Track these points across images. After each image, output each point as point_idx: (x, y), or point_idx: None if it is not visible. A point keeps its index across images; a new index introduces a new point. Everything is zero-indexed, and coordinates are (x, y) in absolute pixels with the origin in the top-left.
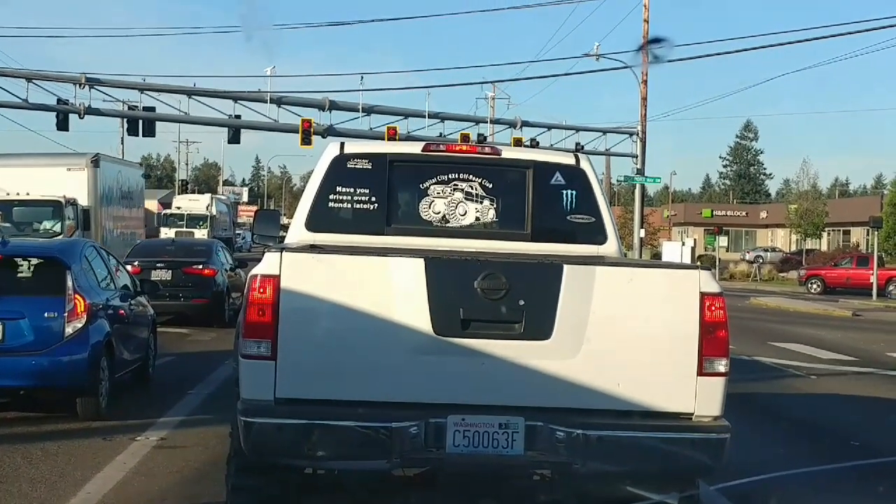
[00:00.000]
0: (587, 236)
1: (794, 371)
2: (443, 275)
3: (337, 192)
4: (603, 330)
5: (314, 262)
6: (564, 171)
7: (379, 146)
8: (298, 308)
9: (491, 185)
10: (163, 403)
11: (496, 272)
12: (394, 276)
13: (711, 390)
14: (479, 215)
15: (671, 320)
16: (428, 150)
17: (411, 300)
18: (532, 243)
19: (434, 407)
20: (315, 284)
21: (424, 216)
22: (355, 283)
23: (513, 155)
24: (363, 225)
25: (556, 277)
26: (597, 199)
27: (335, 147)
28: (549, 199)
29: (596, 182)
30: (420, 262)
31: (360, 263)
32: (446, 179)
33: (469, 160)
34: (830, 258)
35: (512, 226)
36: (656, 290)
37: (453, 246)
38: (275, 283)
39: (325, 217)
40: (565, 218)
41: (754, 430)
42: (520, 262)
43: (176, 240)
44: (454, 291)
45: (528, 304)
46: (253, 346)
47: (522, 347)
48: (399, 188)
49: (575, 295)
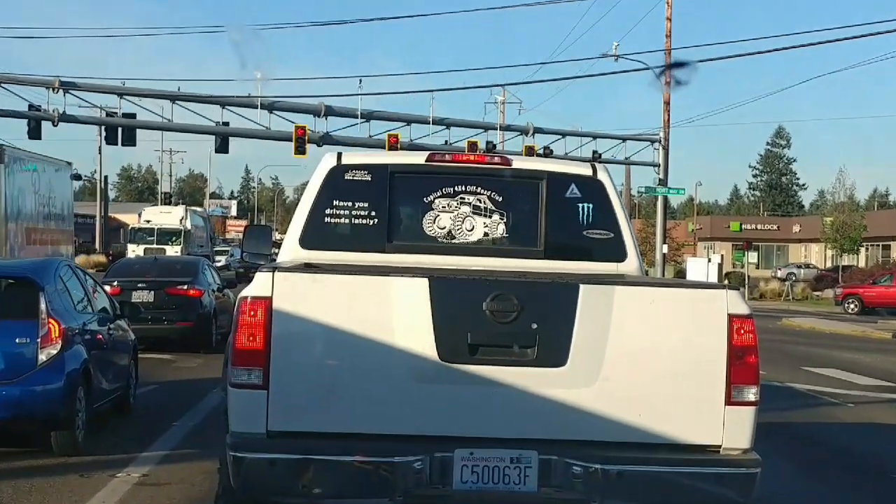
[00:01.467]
0: (605, 253)
1: (830, 398)
2: (449, 296)
3: (334, 207)
4: (623, 355)
5: (309, 283)
6: (580, 183)
7: (379, 156)
8: (292, 332)
9: (501, 198)
10: (145, 436)
11: (507, 293)
12: (396, 298)
13: (740, 420)
14: (488, 231)
15: (697, 345)
16: (432, 160)
17: (414, 323)
18: (545, 261)
19: (440, 440)
20: (310, 306)
21: (429, 232)
22: (354, 305)
23: (524, 165)
24: (362, 242)
25: (571, 298)
26: (616, 212)
27: (332, 157)
28: (563, 213)
29: (615, 194)
30: (424, 282)
31: (359, 283)
32: (452, 192)
33: (477, 171)
34: (869, 275)
35: (523, 242)
36: (680, 311)
37: (460, 264)
38: (266, 305)
39: (321, 233)
40: (581, 233)
41: (787, 462)
42: (532, 282)
43: (159, 257)
44: (461, 314)
45: (542, 327)
46: (243, 374)
47: (536, 375)
48: (401, 202)
49: (592, 317)
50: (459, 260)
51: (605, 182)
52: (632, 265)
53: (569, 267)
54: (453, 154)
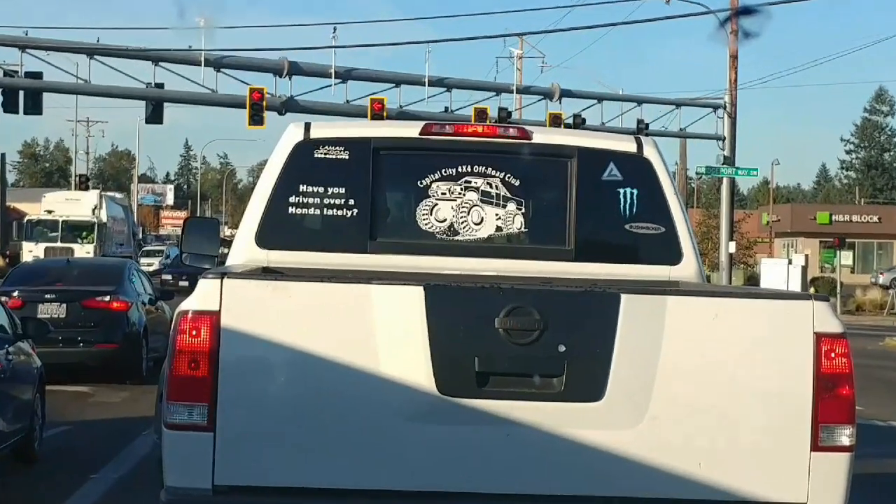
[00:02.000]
0: (654, 253)
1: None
2: (450, 309)
3: (300, 194)
4: (677, 386)
5: (268, 293)
6: (622, 161)
7: (359, 128)
8: (246, 357)
9: (518, 181)
10: (54, 492)
11: (526, 305)
12: (381, 312)
13: (831, 471)
14: (502, 224)
15: (773, 372)
16: (429, 132)
17: (406, 346)
18: (576, 263)
19: (439, 498)
20: (270, 323)
21: (424, 226)
22: (327, 322)
23: (548, 139)
24: (338, 239)
25: (610, 312)
26: (667, 199)
27: (297, 130)
28: (599, 201)
29: (666, 176)
30: (418, 292)
31: (333, 294)
32: (455, 174)
33: (487, 147)
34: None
35: (548, 239)
36: (752, 329)
37: (465, 268)
38: (212, 321)
39: (284, 228)
40: (623, 227)
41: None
42: (559, 291)
43: (72, 260)
44: (466, 333)
45: (572, 350)
46: (182, 412)
47: (564, 412)
48: (388, 187)
49: (637, 337)
50: (464, 262)
51: (653, 160)
52: (688, 269)
53: (606, 271)
54: (456, 125)
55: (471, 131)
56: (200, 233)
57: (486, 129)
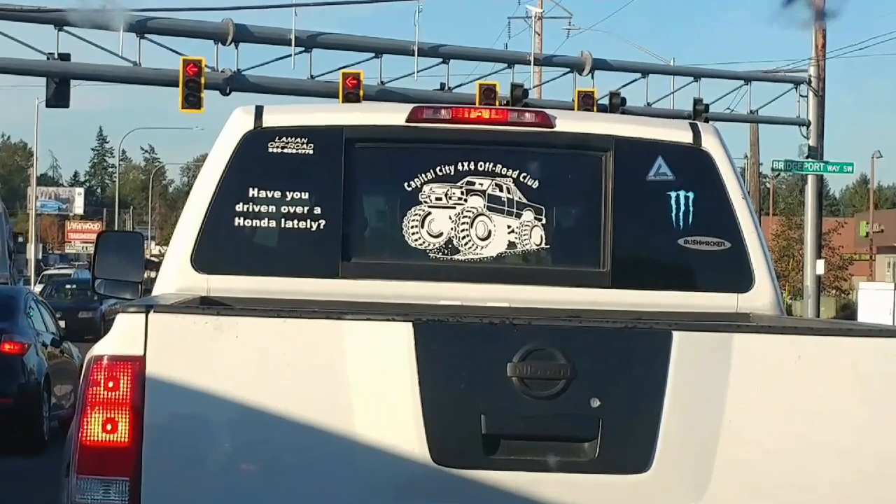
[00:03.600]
0: (717, 277)
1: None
2: (448, 353)
3: (250, 200)
4: (747, 452)
5: (209, 332)
6: (674, 155)
7: (328, 112)
8: (180, 416)
9: (536, 182)
10: None
11: (548, 347)
12: (357, 357)
13: None
14: (516, 239)
15: (878, 435)
16: (419, 118)
17: (390, 400)
18: (614, 291)
19: None
20: (211, 373)
21: (414, 242)
22: (286, 370)
23: (577, 126)
24: (300, 260)
25: (659, 355)
26: (733, 205)
27: (246, 115)
28: (644, 209)
29: (731, 173)
30: (406, 330)
31: (294, 333)
32: (453, 174)
33: (496, 137)
34: None
35: (576, 258)
36: (848, 377)
37: (467, 298)
38: (135, 370)
39: (230, 246)
40: (675, 242)
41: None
42: (591, 329)
43: None
44: (470, 384)
45: (609, 405)
46: (96, 490)
47: (598, 488)
48: (366, 191)
49: (695, 388)
50: (466, 290)
51: (714, 153)
52: (763, 296)
53: (653, 301)
54: (455, 108)
55: (474, 117)
56: (119, 252)
57: (495, 115)
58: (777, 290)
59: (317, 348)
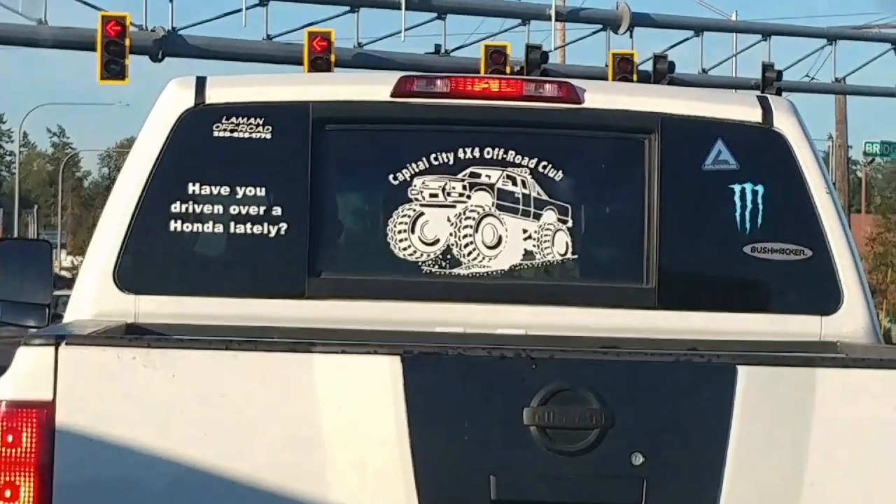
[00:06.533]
0: (794, 294)
1: None
2: (447, 394)
3: (190, 198)
4: None
5: (138, 369)
6: (737, 138)
7: (289, 85)
8: (100, 479)
9: (560, 173)
10: None
11: (576, 387)
12: (329, 400)
13: None
14: (534, 247)
15: None
16: (407, 91)
17: (372, 457)
18: (661, 312)
19: None
20: (140, 422)
21: (402, 251)
22: (239, 418)
23: (612, 101)
24: (255, 275)
25: (720, 397)
26: (814, 201)
27: (185, 88)
28: (699, 207)
29: (812, 160)
30: (392, 365)
31: (249, 369)
32: (452, 163)
33: (506, 115)
34: None
35: (612, 272)
36: None
37: (471, 323)
38: (41, 418)
39: (164, 257)
40: (740, 250)
41: None
42: (633, 363)
43: None
44: (476, 434)
45: (655, 462)
46: None
47: None
48: (339, 185)
49: (766, 436)
50: (469, 313)
51: (790, 134)
52: (854, 319)
53: (712, 326)
54: (453, 79)
55: (479, 90)
56: (20, 266)
57: (506, 87)
58: (872, 311)
59: (278, 390)
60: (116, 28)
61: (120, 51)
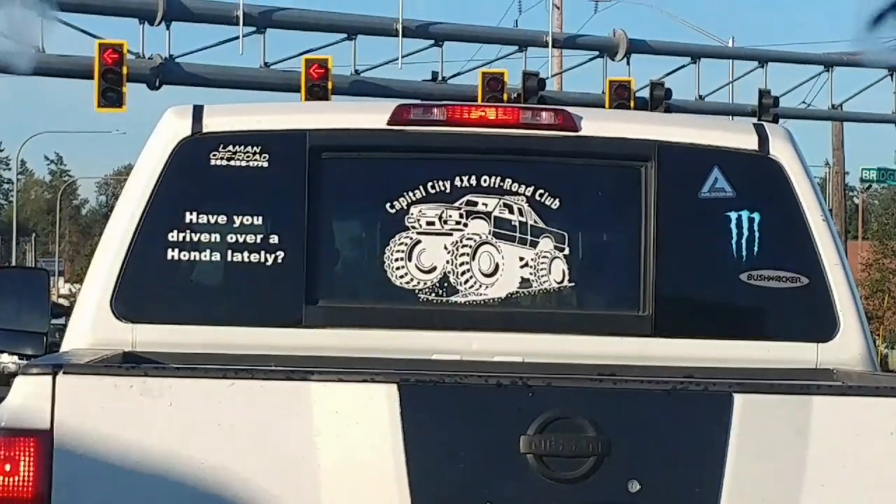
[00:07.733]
0: (790, 321)
1: None
2: (443, 423)
3: (187, 227)
4: None
5: (135, 397)
6: (733, 166)
7: (286, 114)
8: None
9: (556, 201)
10: None
11: (573, 415)
12: (326, 429)
13: None
14: (530, 275)
15: None
16: (404, 119)
17: (368, 486)
18: (657, 340)
19: None
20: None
21: (399, 279)
22: (236, 446)
23: (609, 129)
24: (252, 303)
25: (716, 425)
26: (811, 229)
27: (182, 117)
28: (695, 234)
29: (808, 188)
30: (388, 394)
31: (245, 399)
32: (449, 191)
33: (503, 143)
34: None
35: (608, 299)
36: None
37: (468, 351)
38: (38, 447)
39: (161, 286)
40: (736, 277)
41: None
42: (629, 391)
43: None
44: (472, 463)
45: (652, 490)
46: None
47: None
48: (336, 214)
49: (762, 466)
50: (466, 341)
51: (786, 162)
52: (850, 346)
53: (709, 354)
54: (450, 107)
55: (476, 118)
56: (18, 294)
57: (503, 114)
58: (868, 339)
59: (274, 419)
60: (114, 56)
61: (117, 79)
